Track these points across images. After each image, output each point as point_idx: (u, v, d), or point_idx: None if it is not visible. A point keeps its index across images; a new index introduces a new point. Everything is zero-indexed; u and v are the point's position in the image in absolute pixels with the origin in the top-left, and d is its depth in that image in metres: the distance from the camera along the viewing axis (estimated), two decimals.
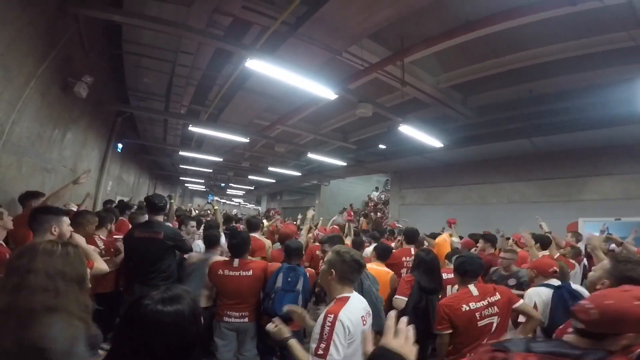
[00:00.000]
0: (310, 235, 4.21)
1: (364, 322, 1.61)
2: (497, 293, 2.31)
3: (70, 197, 5.11)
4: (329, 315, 1.52)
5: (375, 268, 3.22)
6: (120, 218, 4.74)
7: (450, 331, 2.23)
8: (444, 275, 3.15)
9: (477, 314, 2.19)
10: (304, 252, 3.49)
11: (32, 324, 1.10)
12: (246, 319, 2.71)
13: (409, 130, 5.90)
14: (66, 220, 2.20)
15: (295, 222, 8.64)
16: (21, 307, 1.12)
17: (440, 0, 3.79)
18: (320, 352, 1.43)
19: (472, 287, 2.30)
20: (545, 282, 2.67)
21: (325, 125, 8.88)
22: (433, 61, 5.26)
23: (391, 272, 3.31)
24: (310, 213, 4.65)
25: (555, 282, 2.66)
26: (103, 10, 3.97)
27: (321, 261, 2.95)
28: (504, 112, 6.45)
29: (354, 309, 1.59)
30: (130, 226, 4.10)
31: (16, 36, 3.40)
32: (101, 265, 2.28)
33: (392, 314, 0.96)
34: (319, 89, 4.58)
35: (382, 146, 9.34)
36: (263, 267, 2.84)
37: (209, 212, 10.60)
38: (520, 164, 8.12)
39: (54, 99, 4.70)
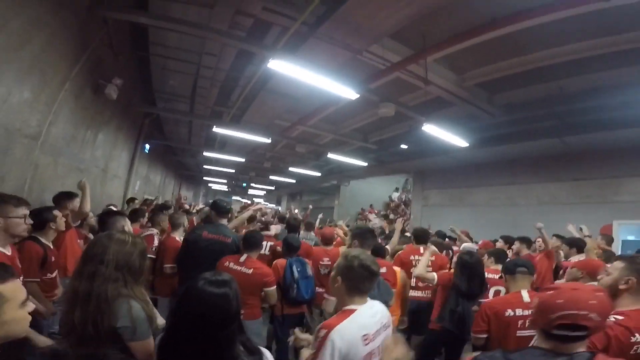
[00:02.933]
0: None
1: (368, 341, 1.37)
2: None
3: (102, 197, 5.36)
4: (322, 329, 1.35)
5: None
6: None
7: (486, 335, 2.09)
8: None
9: (520, 322, 1.99)
10: None
11: (106, 309, 1.28)
12: (242, 316, 2.71)
13: (433, 130, 5.77)
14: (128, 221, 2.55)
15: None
16: (97, 294, 1.30)
17: None
18: None
19: (524, 293, 2.10)
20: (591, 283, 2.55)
21: (345, 125, 8.85)
22: (457, 59, 5.13)
23: (399, 269, 3.32)
24: (344, 228, 4.66)
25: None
26: (130, 12, 4.13)
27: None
28: (532, 111, 6.19)
29: (355, 326, 1.37)
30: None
31: (51, 39, 3.56)
32: None
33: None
34: (340, 89, 4.56)
35: (403, 146, 9.19)
36: (264, 273, 2.78)
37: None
38: (551, 164, 7.76)
39: (87, 100, 4.92)
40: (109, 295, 1.31)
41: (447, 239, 5.81)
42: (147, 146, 9.49)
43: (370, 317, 1.45)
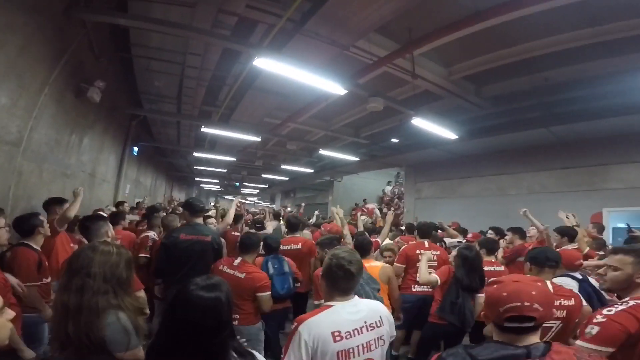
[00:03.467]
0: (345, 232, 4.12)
1: (340, 337, 1.37)
2: (572, 298, 2.04)
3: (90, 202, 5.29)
4: (294, 322, 1.40)
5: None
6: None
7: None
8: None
9: None
10: None
11: (96, 321, 1.29)
12: (236, 322, 2.62)
13: (422, 123, 5.80)
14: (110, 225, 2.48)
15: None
16: (88, 306, 1.30)
17: None
18: (282, 357, 1.38)
19: (548, 284, 2.03)
20: (569, 273, 2.57)
21: (336, 121, 8.83)
22: (443, 52, 5.12)
23: (379, 265, 3.05)
24: (340, 212, 4.47)
25: (577, 274, 2.55)
26: (108, 14, 4.03)
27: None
28: (520, 102, 6.25)
29: (325, 321, 1.38)
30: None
31: (27, 43, 3.47)
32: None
33: None
34: (329, 85, 4.54)
35: (394, 140, 9.21)
36: (258, 278, 2.68)
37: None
38: (540, 154, 7.84)
39: (69, 104, 4.81)
40: (99, 307, 1.31)
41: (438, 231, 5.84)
42: (136, 149, 9.37)
43: (348, 314, 1.44)
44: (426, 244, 3.89)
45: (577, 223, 4.29)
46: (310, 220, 8.72)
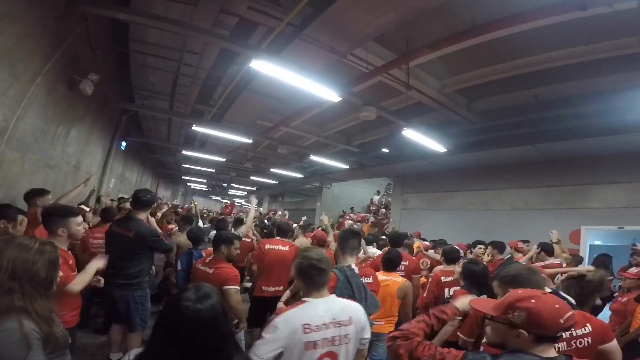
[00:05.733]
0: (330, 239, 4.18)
1: (310, 331, 1.49)
2: (587, 324, 1.70)
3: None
4: (275, 313, 1.57)
5: (382, 278, 3.06)
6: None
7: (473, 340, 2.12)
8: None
9: None
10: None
11: None
12: None
13: (413, 135, 5.87)
14: (76, 220, 2.21)
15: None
16: None
17: (447, 4, 3.76)
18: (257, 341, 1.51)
19: None
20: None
21: (328, 127, 8.87)
22: (438, 65, 5.23)
23: (400, 281, 3.15)
24: (326, 219, 4.70)
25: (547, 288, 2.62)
26: (111, 8, 3.99)
27: None
28: (509, 118, 6.40)
29: (299, 315, 1.53)
30: None
31: (25, 33, 3.42)
32: (74, 287, 2.16)
33: None
34: (323, 91, 4.57)
35: (385, 150, 9.31)
36: (226, 272, 2.70)
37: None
38: (525, 171, 8.05)
39: (60, 96, 4.72)
40: None
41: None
42: (124, 143, 9.21)
43: (320, 310, 1.57)
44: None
45: (556, 240, 4.45)
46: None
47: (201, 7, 4.12)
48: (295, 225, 8.65)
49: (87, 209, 4.68)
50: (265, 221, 9.11)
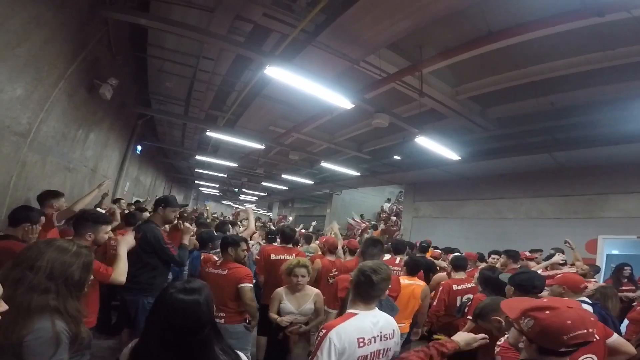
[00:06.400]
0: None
1: (363, 344, 1.50)
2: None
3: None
4: (322, 329, 1.52)
5: (407, 282, 3.24)
6: None
7: None
8: None
9: None
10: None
11: (21, 321, 1.14)
12: (222, 320, 2.71)
13: (426, 142, 5.82)
14: (105, 228, 2.26)
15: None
16: (18, 302, 1.15)
17: (461, 11, 3.76)
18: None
19: None
20: (581, 298, 2.56)
21: (339, 134, 8.90)
22: (452, 72, 5.21)
23: (422, 285, 3.35)
24: (336, 227, 4.75)
25: (586, 299, 2.56)
26: (131, 13, 4.11)
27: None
28: (524, 125, 6.31)
29: (352, 328, 1.51)
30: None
31: (51, 37, 3.53)
32: (119, 277, 2.21)
33: None
34: (336, 98, 4.58)
35: (396, 157, 9.27)
36: (240, 272, 2.78)
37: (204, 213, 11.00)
38: (540, 179, 7.90)
39: (80, 100, 4.85)
40: (31, 306, 1.18)
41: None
42: (139, 147, 9.39)
43: (370, 323, 1.56)
44: (397, 260, 4.03)
45: (573, 247, 4.40)
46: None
47: (218, 13, 4.21)
48: (303, 230, 8.69)
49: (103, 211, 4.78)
50: (272, 227, 9.15)
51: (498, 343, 1.65)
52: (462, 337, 1.63)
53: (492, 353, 1.66)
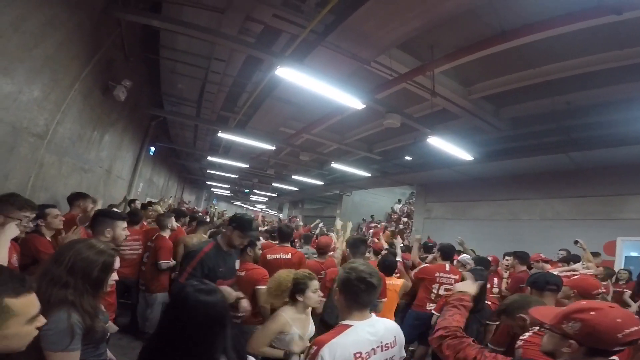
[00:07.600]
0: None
1: (362, 358, 1.35)
2: None
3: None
4: (313, 345, 1.36)
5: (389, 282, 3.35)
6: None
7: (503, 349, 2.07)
8: None
9: None
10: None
11: (43, 313, 1.14)
12: (239, 320, 2.68)
13: (438, 142, 5.75)
14: (122, 224, 2.31)
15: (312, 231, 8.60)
16: (40, 295, 1.15)
17: (473, 10, 3.70)
18: None
19: None
20: None
21: (350, 135, 8.87)
22: (464, 71, 5.14)
23: (401, 282, 3.50)
24: (339, 224, 4.73)
25: None
26: (144, 15, 4.18)
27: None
28: (539, 125, 6.18)
29: (347, 342, 1.35)
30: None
31: (66, 39, 3.59)
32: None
33: None
34: (347, 99, 4.57)
35: (408, 158, 9.18)
36: (257, 273, 2.79)
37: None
38: (556, 180, 7.72)
39: (95, 101, 4.94)
40: (51, 299, 1.24)
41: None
42: (153, 148, 9.53)
43: (367, 334, 1.41)
44: (447, 267, 3.97)
45: (584, 247, 4.32)
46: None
47: (228, 15, 4.24)
48: (302, 230, 8.65)
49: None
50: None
51: (522, 337, 1.63)
52: (467, 286, 1.62)
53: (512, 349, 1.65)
